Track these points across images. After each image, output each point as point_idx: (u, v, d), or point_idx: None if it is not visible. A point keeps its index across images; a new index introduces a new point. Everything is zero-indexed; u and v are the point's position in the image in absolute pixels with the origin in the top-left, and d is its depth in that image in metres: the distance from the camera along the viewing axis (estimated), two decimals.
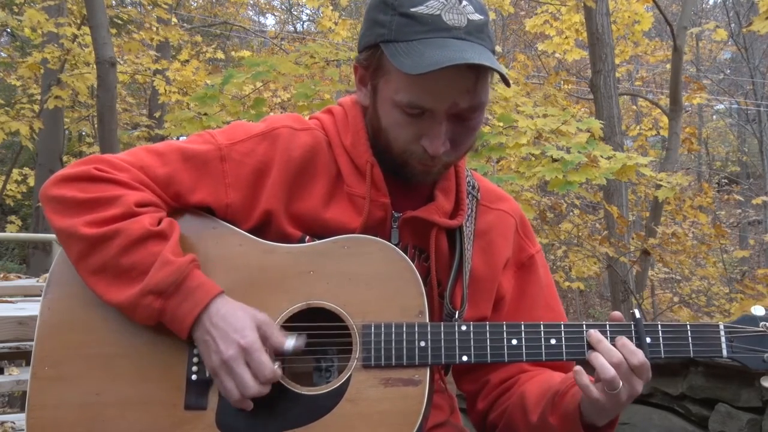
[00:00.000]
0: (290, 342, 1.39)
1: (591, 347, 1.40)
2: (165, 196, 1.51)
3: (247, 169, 1.53)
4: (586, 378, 1.37)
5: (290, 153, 1.54)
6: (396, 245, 1.51)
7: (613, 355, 1.37)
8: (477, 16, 1.43)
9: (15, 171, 15.04)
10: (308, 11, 22.22)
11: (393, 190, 1.54)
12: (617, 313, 1.45)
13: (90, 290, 1.45)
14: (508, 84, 1.47)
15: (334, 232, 1.50)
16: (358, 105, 1.60)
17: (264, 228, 1.53)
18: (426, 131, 1.44)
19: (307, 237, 1.52)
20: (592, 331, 1.42)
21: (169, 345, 1.44)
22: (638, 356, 1.37)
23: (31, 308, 3.23)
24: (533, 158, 5.33)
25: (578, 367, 1.39)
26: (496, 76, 1.47)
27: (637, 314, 1.44)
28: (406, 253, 1.51)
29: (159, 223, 1.44)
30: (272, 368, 1.36)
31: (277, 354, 1.40)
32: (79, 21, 11.35)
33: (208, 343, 1.38)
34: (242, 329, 1.37)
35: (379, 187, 1.53)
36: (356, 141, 1.55)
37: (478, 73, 1.41)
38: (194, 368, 1.43)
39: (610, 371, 1.35)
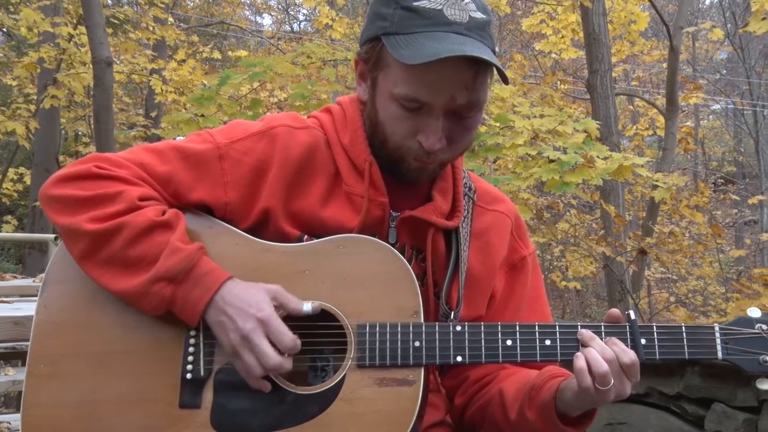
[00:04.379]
0: (308, 305, 1.40)
1: (584, 345, 1.41)
2: (164, 193, 1.51)
3: (246, 168, 1.53)
4: (583, 361, 1.38)
5: (289, 152, 1.54)
6: (393, 245, 1.52)
7: (607, 351, 1.38)
8: (479, 15, 1.44)
9: (11, 170, 15.03)
10: (305, 11, 22.23)
11: (391, 189, 1.54)
12: (616, 311, 1.46)
13: (87, 286, 1.45)
14: (506, 81, 1.47)
15: (332, 231, 1.51)
16: (356, 104, 1.60)
17: (262, 227, 1.53)
18: (423, 126, 1.44)
19: (306, 236, 1.52)
20: (584, 330, 1.42)
21: (165, 343, 1.45)
22: (629, 355, 1.38)
23: (27, 308, 3.22)
24: (530, 159, 5.33)
25: (578, 353, 1.39)
26: (495, 77, 1.48)
27: (632, 315, 1.44)
28: (403, 253, 1.52)
29: (163, 214, 1.45)
30: (292, 337, 1.37)
31: (295, 319, 1.40)
32: (75, 20, 11.33)
33: (224, 323, 1.38)
34: (258, 303, 1.38)
35: (378, 187, 1.53)
36: (354, 140, 1.56)
37: (477, 69, 1.41)
38: (189, 366, 1.43)
39: (603, 366, 1.35)
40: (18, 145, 11.98)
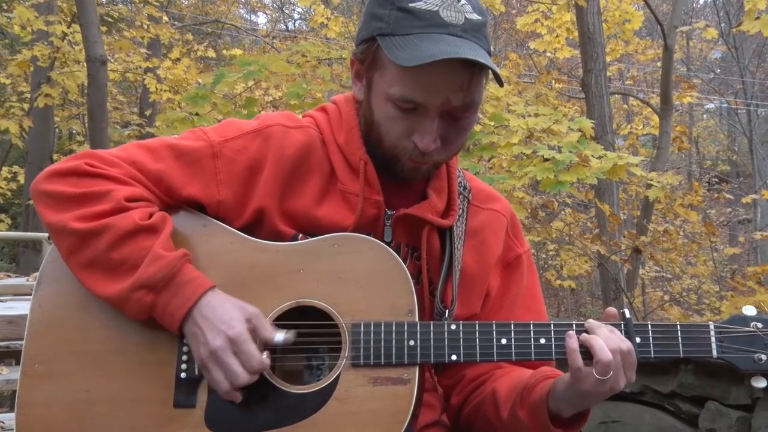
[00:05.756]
0: (279, 336, 1.39)
1: (589, 333, 1.40)
2: (157, 191, 1.51)
3: (240, 166, 1.53)
4: (575, 342, 1.38)
5: (283, 151, 1.54)
6: (389, 243, 1.52)
7: (613, 342, 1.37)
8: (475, 16, 1.44)
9: (5, 169, 14.97)
10: (300, 10, 22.21)
11: (386, 188, 1.54)
12: (612, 309, 1.46)
13: (80, 285, 1.45)
14: (501, 84, 1.47)
15: (327, 230, 1.50)
16: (352, 102, 1.60)
17: (257, 225, 1.53)
18: (417, 127, 1.44)
19: (300, 235, 1.52)
20: (591, 320, 1.42)
21: (160, 342, 1.44)
22: (627, 343, 1.38)
23: (20, 307, 3.22)
24: (525, 157, 5.34)
25: (570, 332, 1.40)
26: (490, 76, 1.48)
27: (627, 314, 1.44)
28: (398, 252, 1.52)
29: (149, 217, 1.44)
30: (260, 358, 1.37)
31: (267, 347, 1.40)
32: (69, 19, 11.29)
33: (197, 335, 1.38)
34: (230, 320, 1.37)
35: (373, 185, 1.53)
36: (350, 139, 1.56)
37: (473, 71, 1.41)
38: (183, 366, 1.43)
39: (608, 354, 1.35)
40: (11, 143, 11.93)
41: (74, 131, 17.20)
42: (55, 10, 11.58)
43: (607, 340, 1.37)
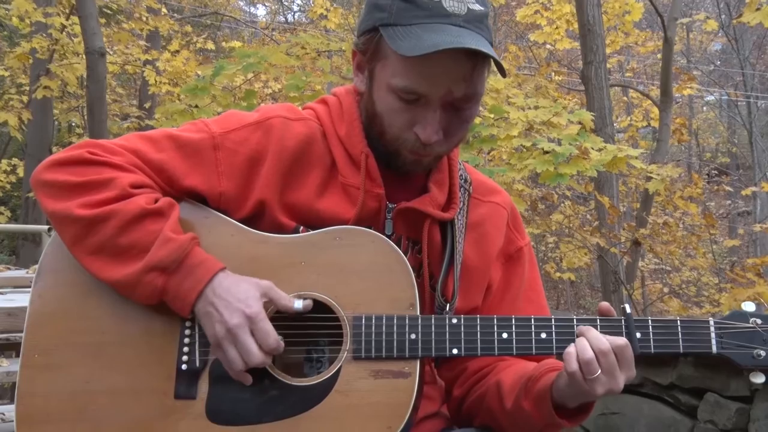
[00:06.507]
0: (299, 303, 1.40)
1: (579, 336, 1.41)
2: (158, 181, 1.51)
3: (241, 158, 1.52)
4: (571, 347, 1.38)
5: (284, 143, 1.54)
6: (390, 236, 1.52)
7: (602, 343, 1.37)
8: (477, 7, 1.44)
9: (4, 161, 14.96)
10: (299, 1, 22.15)
11: (387, 181, 1.54)
12: (605, 304, 1.46)
13: (81, 276, 1.45)
14: (503, 74, 1.47)
15: (328, 223, 1.50)
16: (353, 95, 1.60)
17: (258, 217, 1.53)
18: (420, 118, 1.44)
19: (301, 227, 1.52)
20: (581, 326, 1.42)
21: (160, 333, 1.45)
22: (619, 342, 1.38)
23: (20, 299, 3.22)
24: (524, 150, 5.33)
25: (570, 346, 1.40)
26: (492, 68, 1.48)
27: (628, 309, 1.44)
28: (399, 245, 1.52)
29: (155, 202, 1.45)
30: (276, 337, 1.37)
31: (284, 313, 1.41)
32: (68, 11, 11.25)
33: (211, 314, 1.38)
34: (246, 299, 1.38)
35: (374, 178, 1.53)
36: (351, 131, 1.55)
37: (475, 61, 1.41)
38: (184, 357, 1.43)
39: (588, 353, 1.36)
40: (10, 136, 11.92)
41: (73, 123, 17.18)
42: (53, 1, 11.55)
43: (593, 340, 1.38)
